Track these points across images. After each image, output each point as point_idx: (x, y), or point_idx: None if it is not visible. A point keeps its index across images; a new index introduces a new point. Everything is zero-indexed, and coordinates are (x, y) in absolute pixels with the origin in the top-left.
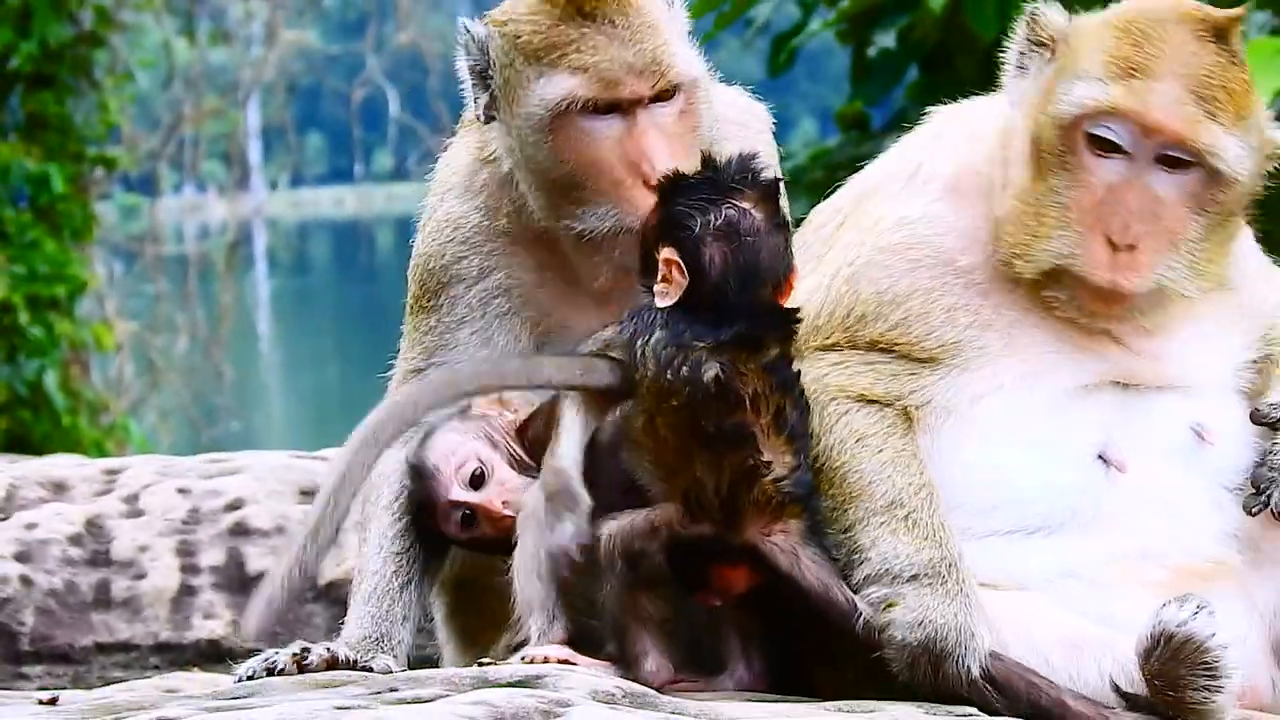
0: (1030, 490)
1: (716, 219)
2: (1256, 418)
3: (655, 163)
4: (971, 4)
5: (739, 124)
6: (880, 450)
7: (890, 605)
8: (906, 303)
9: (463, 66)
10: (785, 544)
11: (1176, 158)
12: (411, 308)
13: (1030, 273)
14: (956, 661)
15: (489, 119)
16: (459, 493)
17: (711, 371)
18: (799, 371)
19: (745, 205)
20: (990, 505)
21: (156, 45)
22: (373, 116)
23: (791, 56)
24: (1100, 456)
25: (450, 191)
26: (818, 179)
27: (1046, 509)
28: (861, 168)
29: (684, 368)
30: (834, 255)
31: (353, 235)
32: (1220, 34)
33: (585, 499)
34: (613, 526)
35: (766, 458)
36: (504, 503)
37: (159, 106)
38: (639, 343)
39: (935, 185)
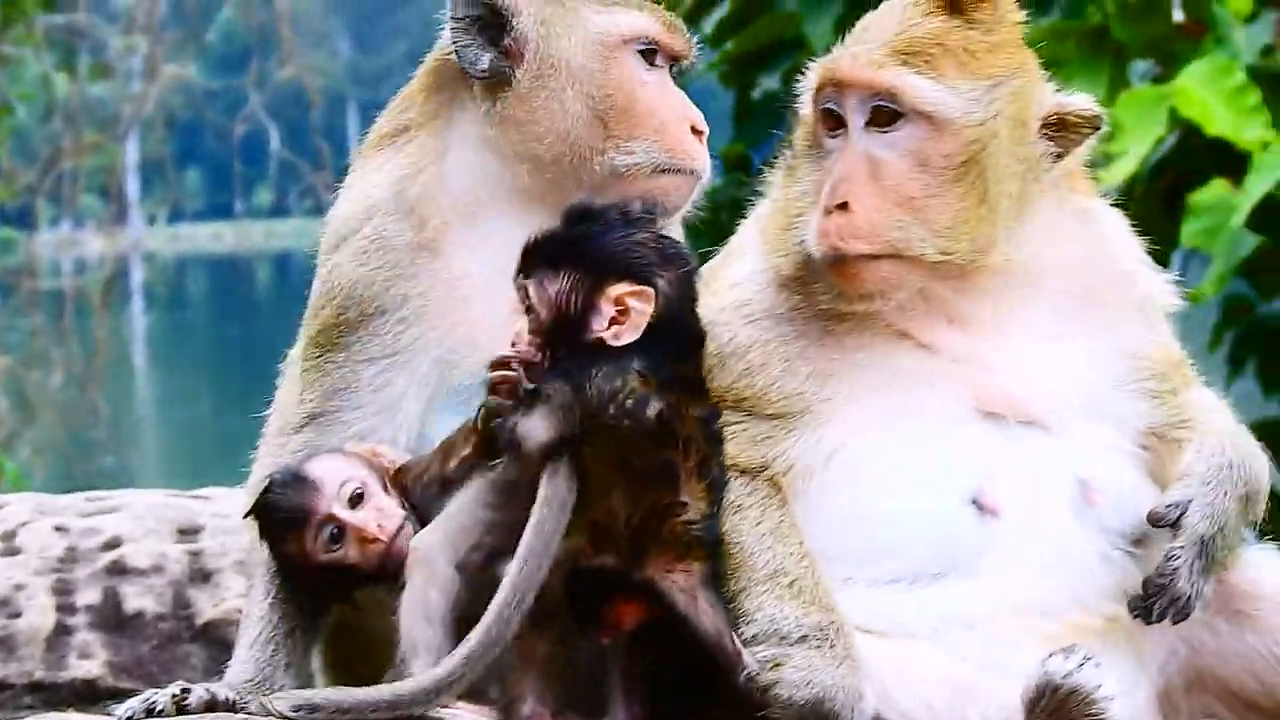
0: (904, 540)
1: (666, 254)
2: (1154, 519)
3: (699, 121)
4: None
5: None
6: (759, 522)
7: (778, 665)
8: (747, 355)
9: (455, 29)
10: (684, 584)
11: (885, 114)
12: (317, 341)
13: (791, 271)
14: None
15: (491, 76)
16: (337, 508)
17: (655, 409)
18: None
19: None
20: (868, 555)
21: (35, 78)
22: (253, 152)
23: None
24: (974, 501)
25: (377, 209)
26: (700, 219)
27: (923, 558)
28: (744, 207)
29: (628, 402)
30: None
31: (231, 271)
32: (953, 7)
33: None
34: None
35: (684, 499)
36: (378, 525)
37: (37, 140)
38: (587, 381)
39: (762, 245)
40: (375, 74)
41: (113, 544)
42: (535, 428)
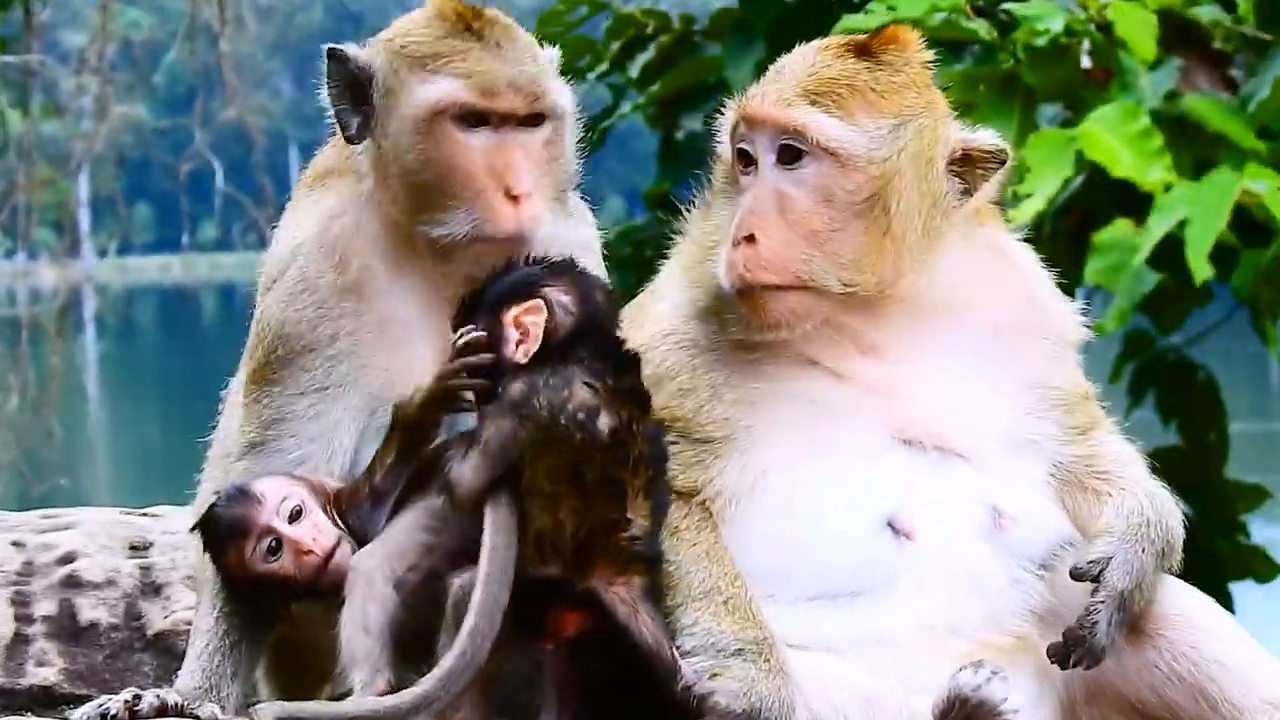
0: (823, 562)
1: (554, 269)
2: (1076, 575)
3: (519, 178)
4: None
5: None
6: (694, 544)
7: (715, 675)
8: (678, 377)
9: (330, 93)
10: (626, 596)
11: (792, 152)
12: (253, 377)
13: (707, 303)
14: None
15: (360, 139)
16: (276, 521)
17: (608, 424)
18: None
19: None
20: (791, 575)
21: None
22: (199, 188)
23: (602, 137)
24: (889, 524)
25: (302, 247)
26: (626, 255)
27: (841, 578)
28: (668, 245)
29: (580, 414)
30: None
31: (178, 301)
32: (863, 51)
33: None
34: (464, 578)
35: (630, 515)
36: (314, 539)
37: None
38: (534, 397)
39: (682, 279)
40: (315, 114)
41: (68, 559)
42: (466, 474)
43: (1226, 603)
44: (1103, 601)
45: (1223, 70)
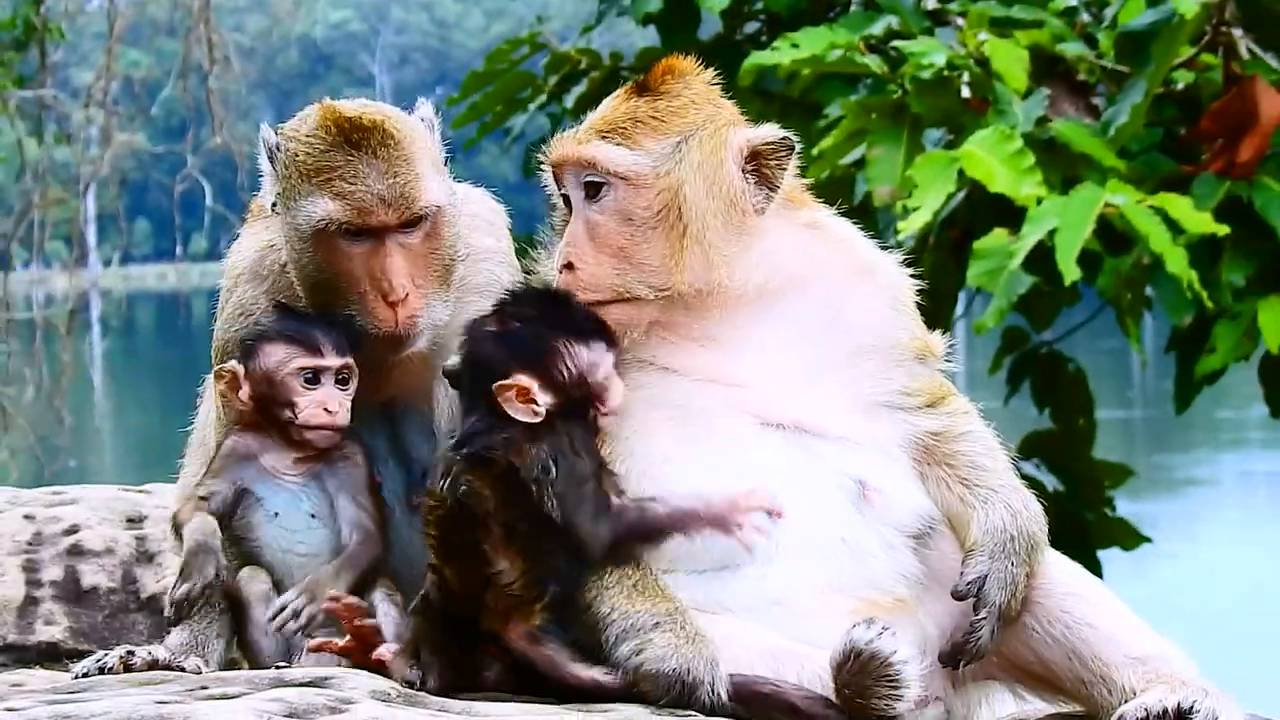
0: (706, 544)
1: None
2: (957, 596)
3: (394, 282)
4: None
5: (488, 220)
6: None
7: (640, 651)
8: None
9: (264, 162)
10: (521, 637)
11: (594, 185)
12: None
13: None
14: (709, 688)
15: (275, 211)
16: (333, 360)
17: (458, 489)
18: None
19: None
20: (683, 552)
21: (10, 144)
22: (191, 206)
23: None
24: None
25: (241, 277)
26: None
27: (727, 554)
28: None
29: (443, 487)
30: None
31: (174, 305)
32: (644, 88)
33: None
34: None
35: (498, 568)
36: (341, 405)
37: (11, 195)
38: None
39: None
40: None
41: (72, 530)
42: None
43: (1096, 569)
44: (983, 619)
45: (1086, 99)
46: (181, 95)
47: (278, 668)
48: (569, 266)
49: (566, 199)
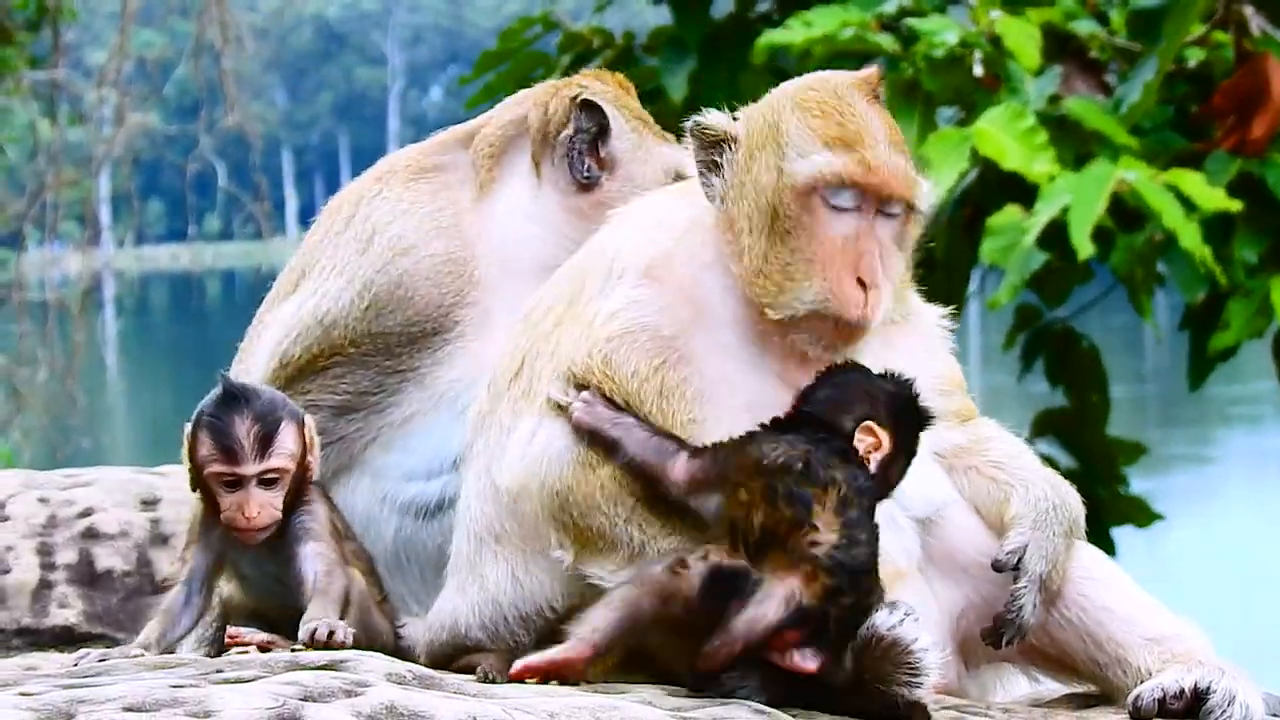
0: None
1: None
2: (998, 567)
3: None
4: (707, 98)
5: None
6: None
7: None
8: (654, 378)
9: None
10: (791, 587)
11: (892, 208)
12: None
13: (786, 318)
14: None
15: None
16: (250, 469)
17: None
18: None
19: None
20: None
21: (23, 125)
22: (204, 186)
23: None
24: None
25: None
26: None
27: None
28: None
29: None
30: (564, 350)
31: (186, 285)
32: (877, 94)
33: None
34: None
35: (815, 522)
36: (258, 512)
37: (25, 176)
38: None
39: (631, 276)
40: (305, 121)
41: (87, 512)
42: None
43: (1109, 546)
44: (1024, 587)
45: (1098, 76)
46: (194, 75)
47: (292, 650)
48: (864, 284)
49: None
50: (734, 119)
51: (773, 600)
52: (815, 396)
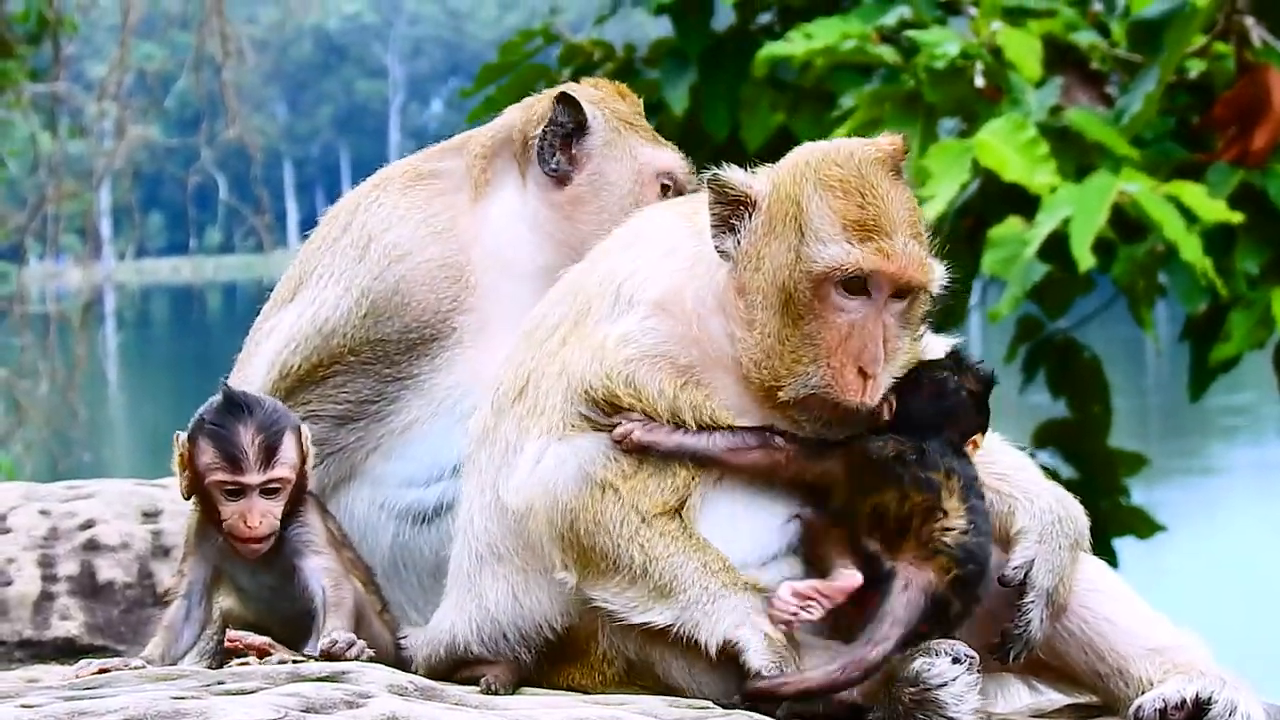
0: (750, 540)
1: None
2: (1005, 582)
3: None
4: (708, 110)
5: None
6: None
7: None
8: (682, 395)
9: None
10: (918, 574)
11: (905, 292)
12: None
13: (789, 399)
14: None
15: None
16: (254, 478)
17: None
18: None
19: None
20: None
21: (24, 138)
22: (205, 199)
23: None
24: (795, 516)
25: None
26: None
27: (764, 549)
28: None
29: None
30: (574, 371)
31: (187, 299)
32: (899, 168)
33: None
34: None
35: (944, 508)
36: (260, 521)
37: (26, 189)
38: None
39: (642, 307)
40: (306, 134)
41: (88, 524)
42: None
43: (1111, 557)
44: (1032, 602)
45: (1099, 87)
46: (195, 88)
47: (294, 662)
48: (865, 374)
49: (847, 288)
50: (753, 174)
51: (914, 591)
52: (911, 404)
